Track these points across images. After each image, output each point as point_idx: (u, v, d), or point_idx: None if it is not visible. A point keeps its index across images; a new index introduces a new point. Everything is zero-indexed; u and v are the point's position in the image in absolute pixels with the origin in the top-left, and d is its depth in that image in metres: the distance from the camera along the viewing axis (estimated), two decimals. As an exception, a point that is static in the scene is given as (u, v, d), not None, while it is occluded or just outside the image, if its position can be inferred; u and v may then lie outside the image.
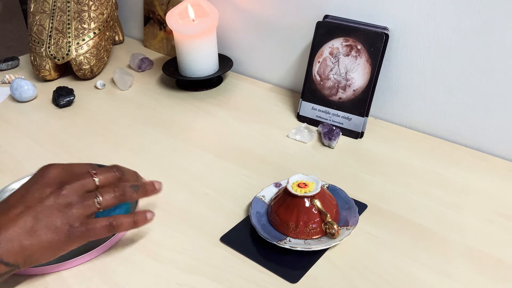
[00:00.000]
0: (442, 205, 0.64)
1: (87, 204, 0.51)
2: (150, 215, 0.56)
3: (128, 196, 0.54)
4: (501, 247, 0.58)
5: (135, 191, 0.54)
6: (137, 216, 0.55)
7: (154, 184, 0.58)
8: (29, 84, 0.94)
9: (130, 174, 0.57)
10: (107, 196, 0.52)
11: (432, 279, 0.53)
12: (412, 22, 0.76)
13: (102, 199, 0.52)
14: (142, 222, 0.55)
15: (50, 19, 1.01)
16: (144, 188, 0.56)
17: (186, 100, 0.95)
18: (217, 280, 0.54)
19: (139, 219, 0.55)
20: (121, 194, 0.53)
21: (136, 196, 0.55)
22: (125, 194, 0.53)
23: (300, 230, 0.58)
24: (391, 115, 0.85)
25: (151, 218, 0.56)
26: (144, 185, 0.56)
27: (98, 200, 0.51)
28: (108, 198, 0.52)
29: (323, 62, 0.82)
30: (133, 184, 0.55)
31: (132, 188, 0.54)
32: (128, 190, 0.54)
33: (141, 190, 0.55)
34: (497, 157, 0.74)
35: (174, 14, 0.94)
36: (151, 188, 0.57)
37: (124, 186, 0.54)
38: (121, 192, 0.53)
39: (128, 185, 0.54)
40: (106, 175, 0.54)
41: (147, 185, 0.57)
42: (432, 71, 0.77)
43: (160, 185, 0.58)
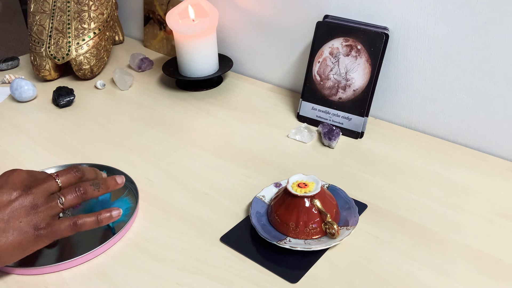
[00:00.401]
0: (442, 205, 0.64)
1: (51, 205, 0.53)
2: (116, 213, 0.57)
3: (89, 193, 0.56)
4: (501, 247, 0.58)
5: (96, 188, 0.56)
6: (101, 215, 0.56)
7: (115, 179, 0.59)
8: (29, 84, 0.94)
9: (90, 173, 0.59)
10: (69, 196, 0.54)
11: (432, 279, 0.53)
12: (412, 22, 0.76)
13: (65, 200, 0.54)
14: (106, 220, 0.56)
15: (50, 19, 1.01)
16: (105, 184, 0.58)
17: (186, 100, 0.95)
18: (217, 280, 0.54)
19: (103, 218, 0.56)
20: (82, 193, 0.55)
21: (97, 193, 0.56)
22: (87, 192, 0.55)
23: (300, 230, 0.58)
24: (391, 115, 0.85)
25: (116, 216, 0.57)
26: (105, 181, 0.58)
27: (61, 201, 0.54)
28: (70, 198, 0.54)
29: (323, 62, 0.82)
30: (94, 182, 0.57)
31: (93, 186, 0.56)
32: (89, 188, 0.56)
33: (102, 186, 0.57)
34: (497, 157, 0.74)
35: (174, 14, 0.94)
36: (112, 183, 0.59)
37: (85, 185, 0.56)
38: (83, 191, 0.55)
39: (88, 183, 0.56)
40: (67, 176, 0.56)
41: (108, 180, 0.58)
42: (432, 71, 0.77)
43: (122, 179, 0.60)
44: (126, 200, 0.66)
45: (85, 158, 0.77)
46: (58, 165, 0.72)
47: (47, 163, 0.75)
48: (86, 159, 0.76)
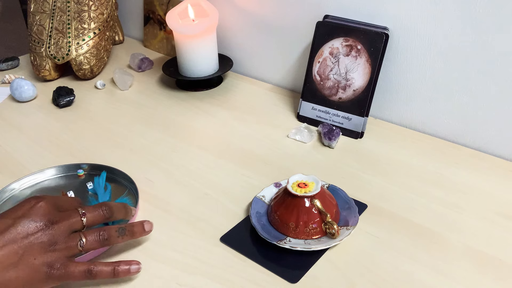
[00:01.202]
0: (442, 205, 0.65)
1: (71, 245, 0.51)
2: (135, 268, 0.54)
3: (113, 240, 0.54)
4: (501, 247, 0.58)
5: (120, 234, 0.54)
6: (119, 267, 0.53)
7: (143, 225, 0.57)
8: (29, 84, 0.94)
9: (120, 212, 0.57)
10: (91, 239, 0.52)
11: (432, 279, 0.53)
12: (412, 22, 0.76)
13: (86, 242, 0.52)
14: (122, 274, 0.53)
15: (50, 19, 1.01)
16: (131, 230, 0.55)
17: (186, 100, 0.95)
18: (217, 280, 0.54)
19: (120, 270, 0.53)
20: (105, 238, 0.53)
21: (121, 240, 0.54)
22: (110, 238, 0.53)
23: (300, 230, 0.58)
24: (391, 115, 0.85)
25: (135, 271, 0.54)
26: (131, 227, 0.56)
27: (81, 243, 0.51)
28: (92, 241, 0.52)
29: (323, 62, 0.82)
30: (120, 227, 0.55)
31: (118, 232, 0.54)
32: (114, 234, 0.54)
33: (128, 233, 0.55)
34: (497, 157, 0.74)
35: (174, 14, 0.94)
36: (139, 230, 0.56)
37: (110, 230, 0.53)
38: (106, 237, 0.53)
39: (114, 229, 0.54)
40: (94, 214, 0.54)
41: (135, 227, 0.56)
42: (432, 71, 0.77)
43: (151, 227, 0.58)
44: (126, 200, 0.66)
45: (85, 158, 0.77)
46: (58, 165, 0.72)
47: (47, 163, 0.75)
48: (86, 159, 0.76)
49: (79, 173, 0.72)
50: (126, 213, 0.58)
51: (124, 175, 0.69)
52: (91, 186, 0.69)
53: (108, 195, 0.66)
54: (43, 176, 0.71)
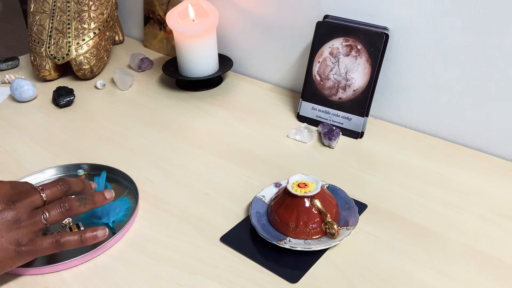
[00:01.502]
0: (442, 205, 0.65)
1: (35, 221, 0.51)
2: (101, 233, 0.55)
3: (75, 209, 0.54)
4: (501, 247, 0.58)
5: (82, 204, 0.55)
6: (85, 234, 0.54)
7: (104, 194, 0.58)
8: (29, 84, 0.94)
9: (77, 185, 0.57)
10: (54, 212, 0.53)
11: (432, 279, 0.53)
12: (412, 22, 0.76)
13: (49, 215, 0.52)
14: (90, 240, 0.54)
15: (50, 19, 1.01)
16: (92, 199, 0.56)
17: (186, 100, 0.95)
18: (217, 280, 0.54)
19: (87, 237, 0.54)
20: (67, 209, 0.53)
21: (83, 209, 0.55)
22: (72, 208, 0.54)
23: (300, 230, 0.58)
24: (391, 115, 0.85)
25: (101, 236, 0.55)
26: (92, 195, 0.56)
27: (45, 216, 0.52)
28: (55, 213, 0.53)
29: (323, 62, 0.82)
30: (80, 197, 0.55)
31: (78, 201, 0.55)
32: (75, 204, 0.54)
33: (89, 202, 0.56)
34: (497, 157, 0.74)
35: (174, 14, 0.94)
36: (100, 198, 0.57)
37: (70, 200, 0.54)
38: (67, 207, 0.53)
39: (75, 199, 0.55)
40: (52, 189, 0.54)
41: (96, 195, 0.57)
42: (432, 71, 0.77)
43: (111, 194, 0.58)
44: (126, 200, 0.66)
45: (85, 158, 0.77)
46: (58, 165, 0.72)
47: (47, 163, 0.75)
48: (86, 159, 0.76)
49: (79, 173, 0.71)
50: (85, 186, 0.58)
51: (124, 175, 0.69)
52: (91, 186, 0.69)
53: (108, 195, 0.66)
54: (43, 176, 0.71)
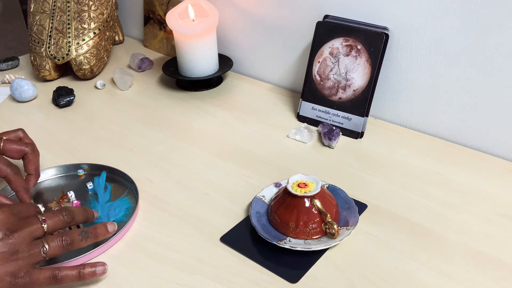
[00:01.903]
0: (442, 205, 0.65)
1: (33, 253, 0.49)
2: (100, 270, 0.53)
3: (76, 244, 0.53)
4: (501, 247, 0.58)
5: (84, 238, 0.53)
6: (84, 269, 0.52)
7: (106, 226, 0.57)
8: (29, 84, 0.94)
9: (80, 215, 0.56)
10: (54, 244, 0.51)
11: (432, 279, 0.53)
12: (412, 22, 0.76)
13: (49, 248, 0.50)
14: (88, 276, 0.52)
15: (50, 19, 1.01)
16: (94, 233, 0.55)
17: (186, 100, 0.95)
18: (217, 280, 0.54)
19: (86, 273, 0.52)
20: (68, 243, 0.52)
21: (85, 243, 0.54)
22: (73, 243, 0.52)
23: (300, 230, 0.58)
24: (391, 115, 0.85)
25: (101, 272, 0.53)
26: (94, 229, 0.55)
27: (44, 250, 0.50)
28: (55, 246, 0.51)
29: (323, 62, 0.82)
30: (83, 230, 0.54)
31: (80, 235, 0.53)
32: (77, 238, 0.53)
33: (91, 235, 0.54)
34: (497, 157, 0.74)
35: (174, 14, 0.94)
36: (102, 231, 0.56)
37: (72, 234, 0.53)
38: (69, 241, 0.52)
39: (77, 232, 0.53)
40: (54, 219, 0.53)
41: (98, 228, 0.56)
42: (432, 71, 0.77)
43: (114, 227, 0.57)
44: (126, 200, 0.66)
45: (85, 158, 0.77)
46: (58, 165, 0.72)
47: (47, 163, 0.75)
48: (86, 159, 0.76)
49: (79, 173, 0.72)
50: (88, 216, 0.57)
51: (124, 175, 0.69)
52: (91, 186, 0.69)
53: (108, 195, 0.66)
54: (43, 176, 0.71)
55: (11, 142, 0.64)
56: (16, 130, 0.67)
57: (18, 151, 0.64)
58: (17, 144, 0.64)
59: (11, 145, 0.63)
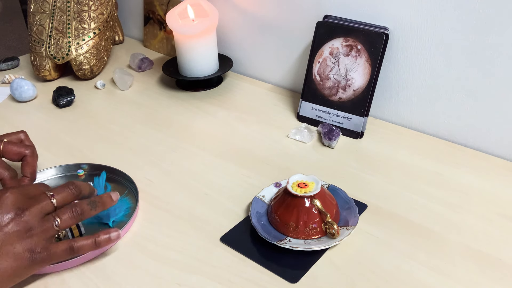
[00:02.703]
0: (442, 205, 0.65)
1: (46, 227, 0.51)
2: (115, 235, 0.55)
3: (87, 213, 0.54)
4: (501, 247, 0.58)
5: (93, 207, 0.55)
6: (99, 237, 0.54)
7: (110, 195, 0.58)
8: (29, 84, 0.94)
9: (86, 189, 0.57)
10: (65, 217, 0.52)
11: (432, 279, 0.53)
12: (412, 22, 0.76)
13: (61, 221, 0.52)
14: (104, 243, 0.54)
15: (50, 19, 1.01)
16: (102, 201, 0.56)
17: (186, 100, 0.95)
18: (217, 280, 0.54)
19: (101, 240, 0.54)
20: (79, 213, 0.53)
21: (94, 212, 0.55)
22: (83, 213, 0.54)
23: (300, 230, 0.58)
24: (391, 115, 0.85)
25: (115, 238, 0.55)
26: (101, 198, 0.56)
27: (56, 223, 0.51)
28: (66, 218, 0.52)
29: (323, 62, 0.82)
30: (91, 200, 0.55)
31: (89, 205, 0.54)
32: (86, 208, 0.54)
33: (99, 204, 0.56)
34: (497, 157, 0.74)
35: (174, 14, 0.94)
36: (108, 200, 0.57)
37: (81, 204, 0.54)
38: (79, 211, 0.53)
39: (85, 203, 0.54)
40: (62, 194, 0.54)
41: (104, 197, 0.57)
42: (432, 71, 0.77)
43: (117, 196, 0.58)
44: (126, 200, 0.66)
45: (85, 158, 0.77)
46: (58, 165, 0.72)
47: (47, 163, 0.75)
48: (86, 159, 0.76)
49: (79, 173, 0.72)
50: (91, 190, 0.58)
51: (124, 175, 0.69)
52: (91, 186, 0.69)
53: (108, 195, 0.66)
54: (43, 176, 0.71)
55: (11, 144, 0.64)
56: (18, 132, 0.68)
57: (17, 153, 0.65)
58: (17, 146, 0.65)
59: (11, 147, 0.64)
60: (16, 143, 0.65)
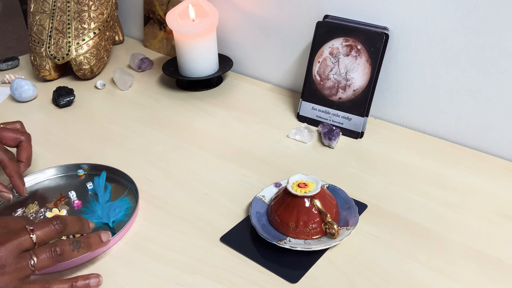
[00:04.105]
0: (442, 205, 0.65)
1: (21, 266, 0.47)
2: (94, 282, 0.51)
3: (67, 255, 0.50)
4: (501, 247, 0.58)
5: (75, 247, 0.51)
6: (76, 283, 0.50)
7: (100, 236, 0.54)
8: (29, 84, 0.94)
9: (74, 225, 0.53)
10: (42, 257, 0.48)
11: (432, 279, 0.53)
12: (412, 22, 0.76)
13: (37, 261, 0.48)
14: None
15: (50, 19, 1.01)
16: (87, 243, 0.52)
17: (186, 100, 0.95)
18: (217, 280, 0.54)
19: (79, 286, 0.50)
20: (58, 254, 0.49)
21: (77, 253, 0.51)
22: (63, 254, 0.50)
23: (300, 230, 0.58)
24: (391, 115, 0.85)
25: (95, 285, 0.51)
26: (87, 239, 0.53)
27: (32, 262, 0.47)
28: (44, 258, 0.48)
29: (323, 62, 0.82)
30: (74, 239, 0.51)
31: (72, 245, 0.50)
32: (67, 249, 0.50)
33: (84, 245, 0.52)
34: (497, 157, 0.74)
35: (174, 14, 0.94)
36: (96, 241, 0.53)
37: (62, 244, 0.50)
38: (59, 252, 0.49)
39: (68, 242, 0.50)
40: (45, 230, 0.50)
41: (91, 238, 0.53)
42: (432, 71, 0.77)
43: (108, 237, 0.55)
44: (126, 200, 0.66)
45: (85, 158, 0.77)
46: (58, 165, 0.72)
47: (47, 163, 0.75)
48: (86, 159, 0.76)
49: (79, 173, 0.72)
50: (82, 226, 0.54)
51: (124, 175, 0.69)
52: (91, 186, 0.69)
53: (108, 195, 0.66)
54: (43, 176, 0.71)
55: (8, 130, 0.66)
56: (15, 122, 0.69)
57: (14, 139, 0.66)
58: (13, 132, 0.66)
59: (7, 132, 0.66)
60: (13, 129, 0.67)
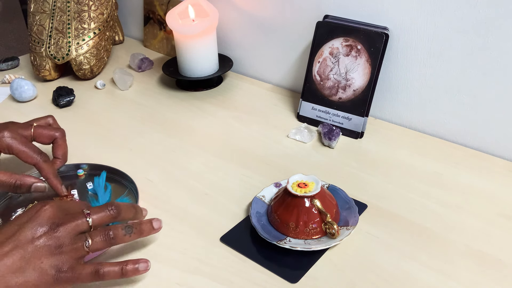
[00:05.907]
0: (442, 205, 0.65)
1: (77, 247, 0.50)
2: (143, 267, 0.53)
3: (119, 239, 0.52)
4: (501, 247, 0.58)
5: (127, 233, 0.53)
6: (126, 266, 0.52)
7: (152, 223, 0.56)
8: (29, 84, 0.94)
9: (127, 211, 0.55)
10: (97, 239, 0.51)
11: (432, 279, 0.53)
12: (412, 22, 0.76)
13: (92, 243, 0.50)
14: (131, 273, 0.52)
15: (50, 19, 1.01)
16: (139, 228, 0.54)
17: (186, 100, 0.95)
18: (217, 280, 0.54)
19: (128, 269, 0.52)
20: (111, 237, 0.51)
21: (129, 238, 0.53)
22: (116, 237, 0.52)
23: (300, 230, 0.58)
24: (391, 115, 0.85)
25: (143, 270, 0.53)
26: (140, 225, 0.55)
27: (87, 244, 0.50)
28: (98, 241, 0.51)
29: (323, 62, 0.82)
30: (127, 225, 0.53)
31: (124, 230, 0.53)
32: (120, 233, 0.52)
33: (136, 231, 0.54)
34: (497, 157, 0.74)
35: (174, 14, 0.94)
36: (147, 228, 0.55)
37: (116, 228, 0.52)
38: (112, 236, 0.52)
39: (120, 227, 0.53)
40: (100, 214, 0.52)
41: (143, 224, 0.55)
42: (432, 71, 0.77)
43: (160, 224, 0.57)
44: (126, 200, 0.66)
45: (85, 158, 0.77)
46: (58, 165, 0.72)
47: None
48: (86, 159, 0.76)
49: (79, 173, 0.72)
50: (136, 213, 0.57)
51: (124, 175, 0.69)
52: (91, 186, 0.69)
53: (108, 195, 0.66)
54: (43, 176, 0.71)
55: (42, 128, 0.66)
56: (46, 117, 0.70)
57: (49, 136, 0.67)
58: (48, 130, 0.67)
59: (41, 130, 0.66)
60: (46, 127, 0.67)
